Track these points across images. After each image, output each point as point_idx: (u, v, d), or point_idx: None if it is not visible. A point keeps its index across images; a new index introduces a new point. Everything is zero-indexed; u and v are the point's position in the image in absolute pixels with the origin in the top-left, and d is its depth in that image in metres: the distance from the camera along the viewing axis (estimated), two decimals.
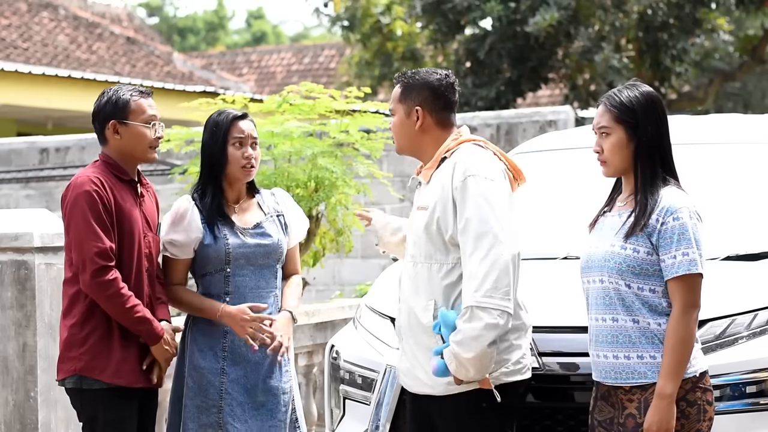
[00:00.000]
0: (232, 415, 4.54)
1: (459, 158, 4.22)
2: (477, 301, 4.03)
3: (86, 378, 4.42)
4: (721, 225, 5.26)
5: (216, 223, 4.59)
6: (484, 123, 11.28)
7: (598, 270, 3.99)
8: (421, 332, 4.24)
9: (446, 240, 4.19)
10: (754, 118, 6.25)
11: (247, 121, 4.68)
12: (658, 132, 3.99)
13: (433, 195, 4.24)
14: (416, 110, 4.30)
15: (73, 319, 4.44)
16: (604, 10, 16.57)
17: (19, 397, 5.35)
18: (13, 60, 19.77)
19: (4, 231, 5.42)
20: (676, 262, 3.87)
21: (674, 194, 3.95)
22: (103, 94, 4.57)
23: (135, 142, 4.52)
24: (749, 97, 23.29)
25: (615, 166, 4.03)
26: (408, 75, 4.37)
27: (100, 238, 4.35)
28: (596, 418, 4.04)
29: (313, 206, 7.49)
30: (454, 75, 4.39)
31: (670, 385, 3.82)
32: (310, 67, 27.75)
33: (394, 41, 18.88)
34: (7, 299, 5.38)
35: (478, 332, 4.01)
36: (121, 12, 27.87)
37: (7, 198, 13.43)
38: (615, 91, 4.05)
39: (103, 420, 4.44)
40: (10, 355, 5.37)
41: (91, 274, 4.34)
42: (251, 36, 47.86)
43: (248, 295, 4.60)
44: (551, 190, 5.76)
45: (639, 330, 3.92)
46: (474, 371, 4.06)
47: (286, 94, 7.75)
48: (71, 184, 4.45)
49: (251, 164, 4.62)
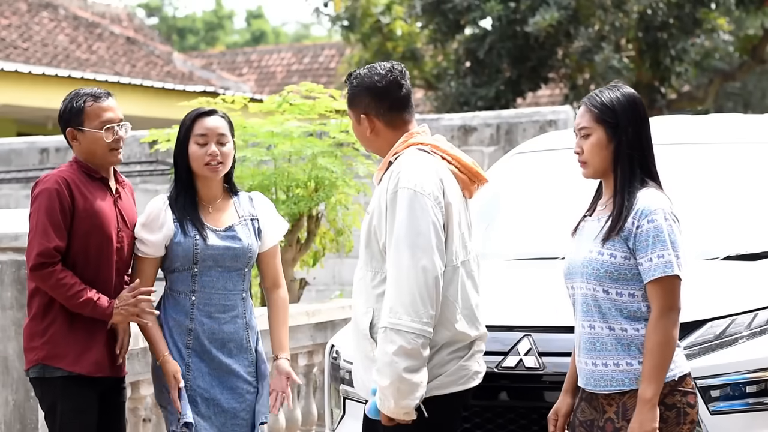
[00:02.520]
0: (195, 410, 4.57)
1: (395, 167, 4.09)
2: (391, 322, 3.92)
3: (48, 366, 4.53)
4: (721, 225, 5.27)
5: (187, 222, 4.60)
6: (484, 123, 11.28)
7: (579, 276, 3.96)
8: (360, 337, 4.17)
9: (380, 249, 4.09)
10: (754, 118, 6.25)
11: (216, 117, 4.64)
12: (638, 133, 3.96)
13: (373, 202, 4.17)
14: (362, 117, 4.20)
15: (33, 311, 4.58)
16: (604, 10, 16.57)
17: (19, 397, 5.35)
18: (13, 60, 19.78)
19: (4, 231, 5.42)
20: (652, 265, 3.83)
21: (650, 196, 3.91)
22: (63, 101, 4.67)
23: (93, 147, 4.60)
24: (749, 97, 23.28)
25: (595, 167, 3.99)
26: (351, 79, 4.24)
27: (48, 236, 4.47)
28: (578, 417, 4.05)
29: (313, 206, 7.49)
30: (400, 67, 4.22)
31: (651, 389, 3.79)
32: (310, 67, 27.74)
33: (394, 41, 18.89)
34: (7, 299, 5.38)
35: (390, 357, 3.90)
36: (121, 12, 27.87)
37: (7, 198, 13.43)
38: (596, 91, 4.03)
39: (62, 409, 4.53)
40: (10, 355, 5.37)
41: (30, 268, 4.50)
42: (251, 36, 47.85)
43: (214, 295, 4.62)
44: (551, 189, 5.77)
45: (614, 337, 3.89)
46: (393, 401, 3.92)
47: (286, 94, 7.75)
48: (39, 181, 4.58)
49: (216, 161, 4.58)
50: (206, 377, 4.61)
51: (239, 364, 4.66)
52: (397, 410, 3.94)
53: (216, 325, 4.61)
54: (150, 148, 11.45)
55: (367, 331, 4.10)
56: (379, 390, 3.96)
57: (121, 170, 12.96)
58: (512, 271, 5.20)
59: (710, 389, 4.38)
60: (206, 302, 4.61)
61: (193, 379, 4.59)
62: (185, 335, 4.61)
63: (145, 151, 12.19)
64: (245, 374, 4.68)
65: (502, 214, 5.88)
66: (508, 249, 5.48)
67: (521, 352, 4.57)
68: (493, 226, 5.81)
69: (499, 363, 4.60)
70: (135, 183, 12.42)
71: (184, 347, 4.60)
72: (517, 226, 5.72)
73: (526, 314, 4.54)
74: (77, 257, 4.53)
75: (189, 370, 4.59)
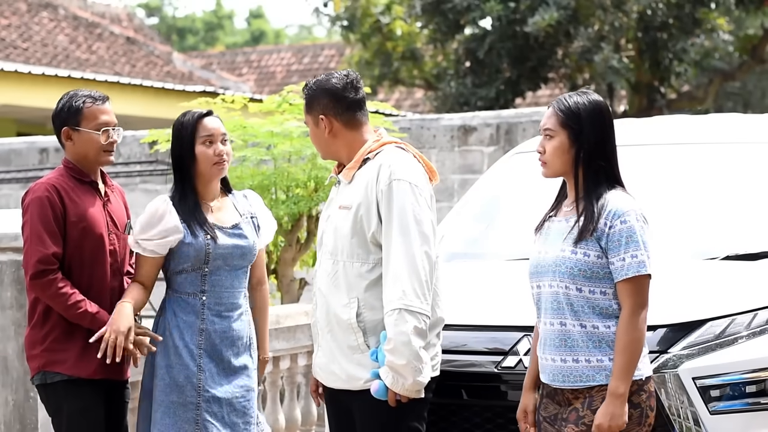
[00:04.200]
0: (209, 410, 4.58)
1: (384, 160, 4.32)
2: (405, 303, 4.16)
3: (49, 372, 4.57)
4: (721, 225, 5.26)
5: (194, 222, 4.62)
6: (484, 123, 11.28)
7: (549, 275, 4.04)
8: (340, 329, 4.34)
9: (368, 239, 4.29)
10: (754, 118, 6.25)
11: (213, 118, 4.72)
12: (601, 140, 4.05)
13: (356, 195, 4.33)
14: (321, 118, 4.40)
15: (33, 320, 4.62)
16: (603, 10, 16.57)
17: (19, 397, 5.35)
18: (13, 60, 19.79)
19: (4, 231, 5.43)
20: (625, 264, 3.93)
21: (620, 198, 4.00)
22: (60, 100, 4.70)
23: (87, 148, 4.64)
24: (749, 97, 23.28)
25: (554, 169, 4.10)
26: (308, 86, 4.48)
27: (44, 243, 4.52)
28: (542, 414, 4.13)
29: (313, 206, 7.49)
30: (355, 73, 4.47)
31: (623, 385, 3.89)
32: (310, 66, 27.74)
33: (393, 41, 18.89)
34: (7, 299, 5.39)
35: (408, 337, 4.15)
36: (121, 12, 27.87)
37: (7, 198, 13.43)
38: (565, 95, 4.11)
39: (68, 411, 4.56)
40: (10, 355, 5.38)
41: (30, 276, 4.53)
42: (250, 35, 47.85)
43: (223, 294, 4.65)
44: (549, 189, 5.76)
45: (586, 334, 3.98)
46: (411, 379, 4.17)
47: (286, 93, 7.76)
48: (29, 190, 4.63)
49: (223, 160, 4.65)
50: (216, 377, 4.61)
51: (246, 361, 4.69)
52: (412, 387, 4.19)
53: (226, 324, 4.64)
54: (150, 149, 11.45)
55: (353, 321, 4.29)
56: (394, 369, 4.17)
57: (121, 170, 13.02)
58: (512, 271, 5.19)
59: (710, 389, 4.38)
60: (216, 301, 4.64)
61: (204, 379, 4.59)
62: (196, 336, 4.61)
63: (145, 151, 12.18)
64: (251, 372, 4.70)
65: (502, 214, 5.88)
66: (508, 249, 5.48)
67: (521, 352, 4.58)
68: (493, 226, 5.81)
69: (499, 363, 4.61)
70: (135, 183, 12.42)
71: (196, 347, 4.60)
72: (517, 226, 5.71)
73: (526, 314, 4.53)
74: (72, 262, 4.57)
75: (201, 371, 4.59)
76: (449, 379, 4.55)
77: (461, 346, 4.70)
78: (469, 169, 11.16)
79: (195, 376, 4.58)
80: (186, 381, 4.58)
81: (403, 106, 23.74)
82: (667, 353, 4.42)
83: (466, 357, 4.69)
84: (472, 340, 4.72)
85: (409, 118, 11.91)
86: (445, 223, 5.80)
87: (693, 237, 5.20)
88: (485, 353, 4.68)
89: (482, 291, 5.07)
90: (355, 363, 4.32)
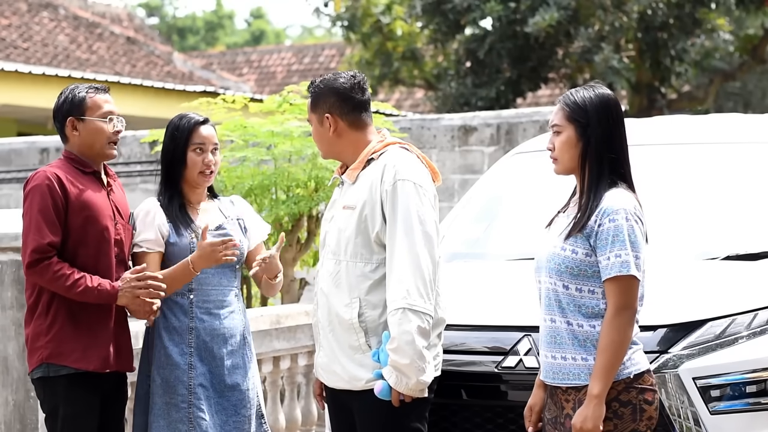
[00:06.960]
0: (200, 408, 4.60)
1: (388, 161, 4.33)
2: (409, 303, 4.17)
3: (53, 365, 4.51)
4: (721, 225, 5.27)
5: (179, 222, 4.68)
6: (484, 123, 11.28)
7: (544, 270, 4.03)
8: (342, 329, 4.34)
9: (372, 239, 4.30)
10: (754, 118, 6.25)
11: (209, 126, 4.76)
12: (609, 134, 3.99)
13: (360, 195, 4.34)
14: (326, 117, 4.40)
15: (37, 311, 4.56)
16: (603, 10, 16.57)
17: (19, 397, 5.35)
18: (13, 60, 19.79)
19: (4, 231, 5.43)
20: (609, 263, 3.88)
21: (615, 196, 3.94)
22: (61, 94, 4.71)
23: (93, 138, 4.63)
24: (749, 97, 23.29)
25: (564, 164, 4.06)
26: (314, 84, 4.47)
27: (41, 232, 4.48)
28: (546, 415, 4.11)
29: (313, 206, 7.50)
30: (361, 74, 4.47)
31: (598, 386, 3.84)
32: (310, 66, 27.74)
33: (394, 41, 18.89)
34: (7, 299, 5.39)
35: (412, 336, 4.15)
36: (121, 12, 27.88)
37: (7, 198, 13.43)
38: (572, 90, 4.08)
39: (63, 414, 4.52)
40: (10, 355, 5.38)
41: (26, 265, 4.51)
42: (251, 36, 47.85)
43: (211, 292, 4.68)
44: (550, 189, 5.76)
45: (571, 333, 3.95)
46: (415, 378, 4.17)
47: (287, 93, 7.76)
48: (29, 179, 4.59)
49: (210, 170, 4.71)
50: (207, 375, 4.64)
51: (239, 360, 4.71)
52: (415, 387, 4.19)
53: (216, 322, 4.66)
54: (150, 149, 11.45)
55: (355, 321, 4.29)
56: (397, 369, 4.17)
57: (122, 170, 13.00)
58: (512, 271, 5.20)
59: (710, 389, 4.38)
60: (204, 299, 4.67)
61: (195, 377, 4.62)
62: (186, 334, 4.64)
63: (145, 151, 12.19)
64: (245, 371, 4.72)
65: (502, 214, 5.88)
66: (508, 249, 5.48)
67: (521, 352, 4.58)
68: (493, 226, 5.81)
69: (499, 363, 4.61)
70: (135, 183, 12.41)
71: (186, 346, 4.63)
72: (517, 226, 5.72)
73: (526, 314, 4.54)
74: (76, 250, 4.53)
75: (191, 369, 4.62)
76: (450, 379, 4.55)
77: (462, 346, 4.70)
78: (470, 169, 11.16)
79: (185, 375, 4.60)
80: (176, 381, 4.61)
81: (403, 106, 23.74)
82: (668, 353, 4.42)
83: (466, 357, 4.69)
84: (472, 340, 4.73)
85: (410, 118, 11.91)
86: (446, 223, 5.80)
87: (693, 237, 5.20)
88: (486, 353, 4.68)
89: (483, 291, 5.07)
90: (356, 363, 4.32)
